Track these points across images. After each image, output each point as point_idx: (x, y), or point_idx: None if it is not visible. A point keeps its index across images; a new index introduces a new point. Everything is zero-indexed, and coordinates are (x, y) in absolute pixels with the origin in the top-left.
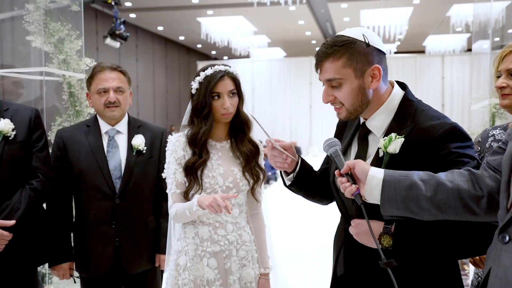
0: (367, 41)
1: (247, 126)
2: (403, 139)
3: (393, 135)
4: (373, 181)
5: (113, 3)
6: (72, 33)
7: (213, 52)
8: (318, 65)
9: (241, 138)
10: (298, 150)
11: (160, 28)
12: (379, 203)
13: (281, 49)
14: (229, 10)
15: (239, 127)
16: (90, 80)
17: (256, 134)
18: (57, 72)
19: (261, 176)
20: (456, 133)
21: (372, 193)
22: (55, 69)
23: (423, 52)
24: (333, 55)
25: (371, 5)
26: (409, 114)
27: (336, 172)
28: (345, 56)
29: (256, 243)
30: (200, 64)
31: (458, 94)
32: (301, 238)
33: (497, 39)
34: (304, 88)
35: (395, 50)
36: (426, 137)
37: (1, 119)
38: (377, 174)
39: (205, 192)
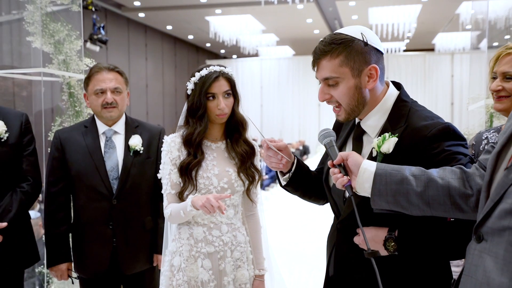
0: (365, 40)
1: (242, 127)
2: (396, 139)
3: (386, 134)
4: (365, 174)
5: (93, 9)
6: (72, 34)
7: (222, 51)
8: (315, 63)
9: (236, 138)
10: (306, 149)
11: (169, 27)
12: (369, 196)
13: (289, 48)
14: (237, 9)
15: (234, 128)
16: (87, 80)
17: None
18: (57, 72)
19: (257, 177)
20: (449, 132)
21: (363, 186)
22: (55, 70)
23: (432, 50)
24: (330, 53)
25: (380, 3)
26: (403, 114)
27: (329, 162)
28: (343, 55)
29: (251, 244)
30: (209, 63)
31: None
32: (306, 238)
33: (507, 36)
34: (313, 87)
35: (404, 48)
36: (419, 137)
37: None
38: (370, 167)
39: (199, 193)
